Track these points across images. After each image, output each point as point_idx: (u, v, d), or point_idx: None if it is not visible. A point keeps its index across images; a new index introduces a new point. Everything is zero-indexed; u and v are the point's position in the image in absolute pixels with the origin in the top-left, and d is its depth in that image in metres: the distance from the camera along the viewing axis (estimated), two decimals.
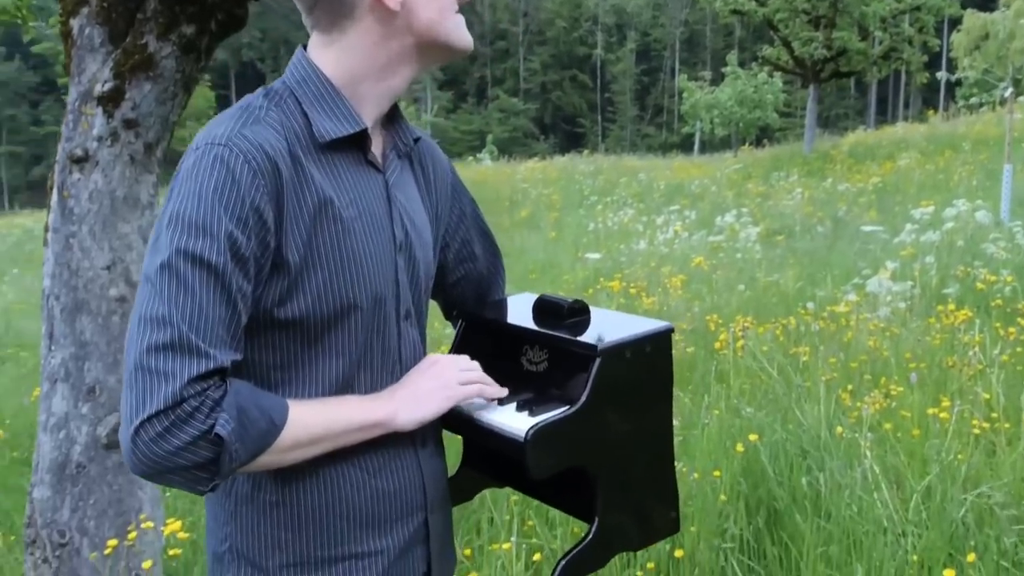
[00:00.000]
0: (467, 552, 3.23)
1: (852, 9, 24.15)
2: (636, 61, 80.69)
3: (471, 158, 28.69)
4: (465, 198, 1.62)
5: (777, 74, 29.55)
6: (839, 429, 3.68)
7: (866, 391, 4.34)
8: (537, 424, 1.30)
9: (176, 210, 1.18)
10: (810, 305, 6.44)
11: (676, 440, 3.73)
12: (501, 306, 1.68)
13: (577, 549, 1.38)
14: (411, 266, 1.41)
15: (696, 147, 39.83)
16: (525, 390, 1.45)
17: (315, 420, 1.26)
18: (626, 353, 1.40)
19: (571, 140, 66.72)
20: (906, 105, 68.38)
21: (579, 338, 1.41)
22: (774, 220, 13.22)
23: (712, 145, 40.71)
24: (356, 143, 1.33)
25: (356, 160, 1.34)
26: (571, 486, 1.51)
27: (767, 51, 26.89)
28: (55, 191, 2.76)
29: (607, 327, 1.49)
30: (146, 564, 2.75)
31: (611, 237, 13.07)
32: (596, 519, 1.40)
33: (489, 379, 1.43)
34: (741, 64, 33.34)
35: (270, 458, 1.21)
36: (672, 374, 1.48)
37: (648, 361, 1.43)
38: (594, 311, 1.55)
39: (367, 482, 1.35)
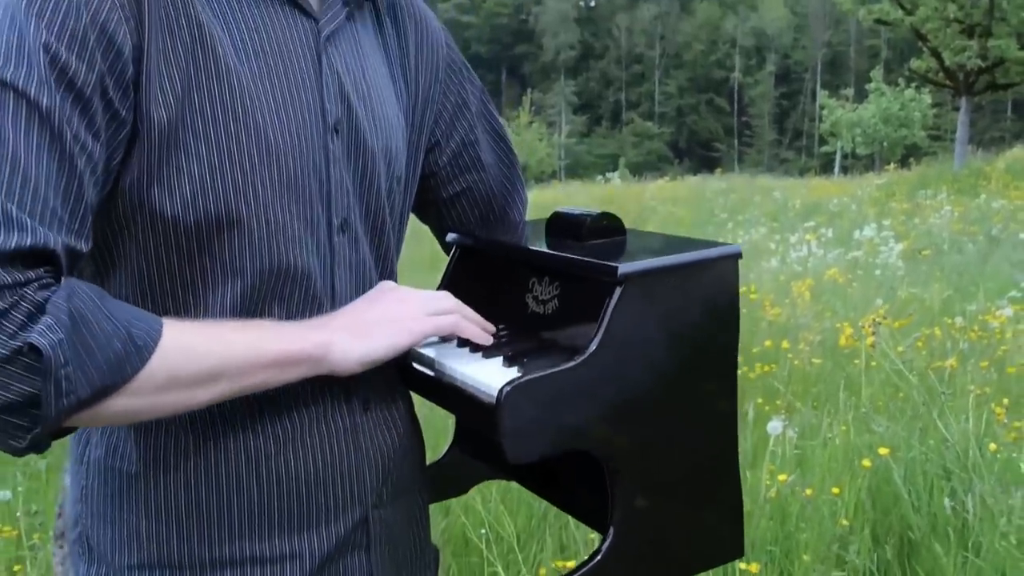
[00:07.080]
0: None
1: (1011, 16, 22.39)
2: (775, 84, 78.55)
3: (600, 177, 28.20)
4: (469, 85, 1.18)
5: (925, 90, 28.06)
6: (992, 446, 3.08)
7: None
8: (519, 380, 0.86)
9: None
10: (959, 320, 5.72)
11: (790, 453, 3.22)
12: (511, 229, 1.23)
13: (579, 573, 0.93)
14: (356, 157, 0.98)
15: (836, 168, 38.20)
16: (527, 339, 1.01)
17: (207, 346, 0.84)
18: (668, 280, 0.95)
19: (706, 164, 65.08)
20: None
21: (596, 260, 0.99)
22: (920, 238, 12.22)
23: (854, 168, 38.99)
24: None
25: None
26: (598, 485, 1.08)
27: (915, 63, 25.39)
28: None
29: (644, 248, 1.06)
30: None
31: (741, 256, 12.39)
32: (610, 530, 0.95)
33: (474, 314, 1.01)
34: (886, 83, 31.87)
35: (134, 401, 0.79)
36: (738, 321, 1.02)
37: (700, 298, 0.98)
38: (635, 231, 1.13)
39: (270, 458, 0.94)
